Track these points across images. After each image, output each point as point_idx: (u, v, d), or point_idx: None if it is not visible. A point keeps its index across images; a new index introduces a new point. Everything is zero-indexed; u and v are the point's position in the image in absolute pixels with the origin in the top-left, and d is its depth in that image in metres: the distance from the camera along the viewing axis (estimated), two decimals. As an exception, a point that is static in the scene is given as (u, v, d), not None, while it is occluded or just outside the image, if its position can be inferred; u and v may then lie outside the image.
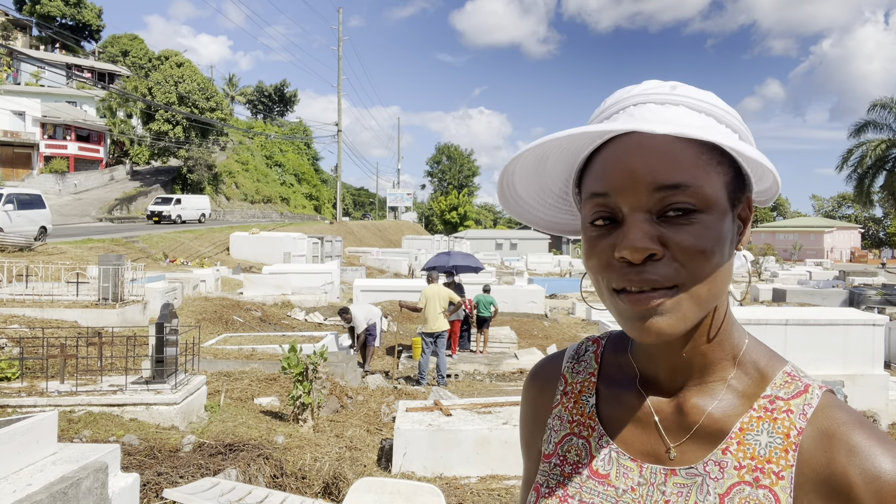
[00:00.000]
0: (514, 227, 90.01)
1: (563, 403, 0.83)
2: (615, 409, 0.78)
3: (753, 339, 0.76)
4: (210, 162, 45.42)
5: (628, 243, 0.63)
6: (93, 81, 41.17)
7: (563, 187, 0.76)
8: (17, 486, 3.11)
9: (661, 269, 0.63)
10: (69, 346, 6.35)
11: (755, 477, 0.67)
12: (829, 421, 0.67)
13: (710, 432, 0.71)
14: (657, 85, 0.70)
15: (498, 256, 47.05)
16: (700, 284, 0.64)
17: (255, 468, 4.90)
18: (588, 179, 0.68)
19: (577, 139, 0.66)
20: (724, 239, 0.65)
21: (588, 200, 0.68)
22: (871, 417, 8.08)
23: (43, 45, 56.23)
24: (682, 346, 0.71)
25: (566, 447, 0.79)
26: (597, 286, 0.69)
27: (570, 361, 0.86)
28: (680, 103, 0.68)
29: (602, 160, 0.66)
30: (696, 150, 0.64)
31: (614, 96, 0.72)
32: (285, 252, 25.46)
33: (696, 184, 0.63)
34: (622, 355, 0.82)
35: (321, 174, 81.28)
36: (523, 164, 0.70)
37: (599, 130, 0.63)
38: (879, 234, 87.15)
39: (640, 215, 0.63)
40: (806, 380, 0.72)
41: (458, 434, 5.84)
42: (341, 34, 51.07)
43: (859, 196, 29.28)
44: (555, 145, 0.67)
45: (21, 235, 17.49)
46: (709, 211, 0.64)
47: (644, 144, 0.63)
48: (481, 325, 12.71)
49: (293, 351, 6.46)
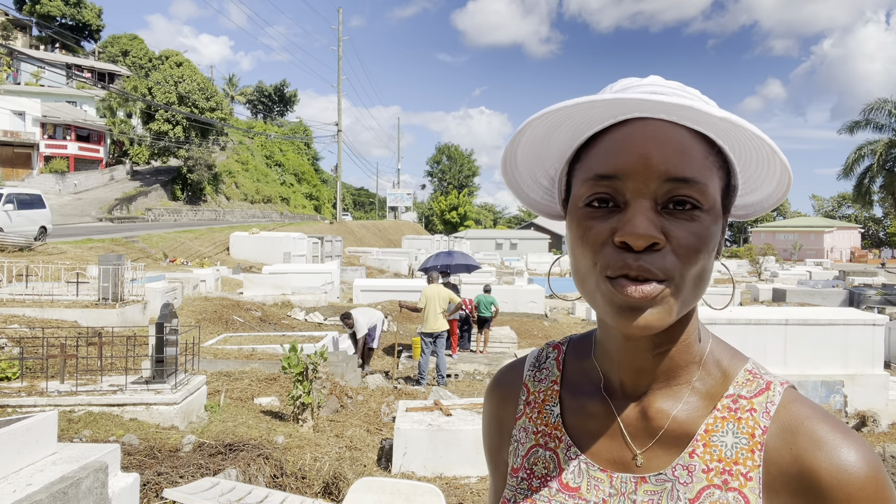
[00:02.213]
0: (514, 227, 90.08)
1: (526, 414, 0.80)
2: (581, 418, 0.76)
3: (716, 339, 0.76)
4: (210, 162, 45.40)
5: (632, 229, 0.61)
6: (93, 81, 41.21)
7: (555, 164, 0.73)
8: (17, 485, 3.11)
9: (658, 261, 0.61)
10: (69, 346, 6.36)
11: (724, 479, 0.67)
12: (792, 417, 0.67)
13: (676, 436, 0.70)
14: (662, 80, 0.69)
15: (498, 256, 47.01)
16: (688, 283, 0.64)
17: (255, 468, 4.89)
18: (591, 159, 0.66)
19: (599, 111, 0.64)
20: (715, 241, 0.65)
21: (588, 181, 0.65)
22: (872, 417, 8.08)
23: (43, 44, 56.22)
24: (651, 347, 0.70)
25: (533, 459, 0.77)
26: (582, 270, 0.67)
27: (531, 369, 0.84)
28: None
29: (613, 141, 0.64)
30: (706, 149, 0.64)
31: (629, 80, 0.71)
32: (285, 252, 25.46)
33: (703, 181, 0.63)
34: (586, 360, 0.80)
35: (321, 174, 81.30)
36: (533, 132, 0.68)
37: (650, 100, 0.60)
38: (879, 234, 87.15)
39: (646, 202, 0.62)
40: (767, 377, 0.72)
41: (458, 434, 5.84)
42: (341, 34, 51.10)
43: (859, 196, 29.27)
44: (569, 114, 0.65)
45: (21, 235, 17.48)
46: (708, 211, 0.64)
47: (662, 133, 0.63)
48: (482, 325, 12.71)
49: (293, 351, 6.46)
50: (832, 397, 8.09)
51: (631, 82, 0.70)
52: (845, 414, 8.15)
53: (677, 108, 0.61)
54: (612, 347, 0.73)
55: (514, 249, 64.09)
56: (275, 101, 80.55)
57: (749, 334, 8.05)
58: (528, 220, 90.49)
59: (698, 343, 0.73)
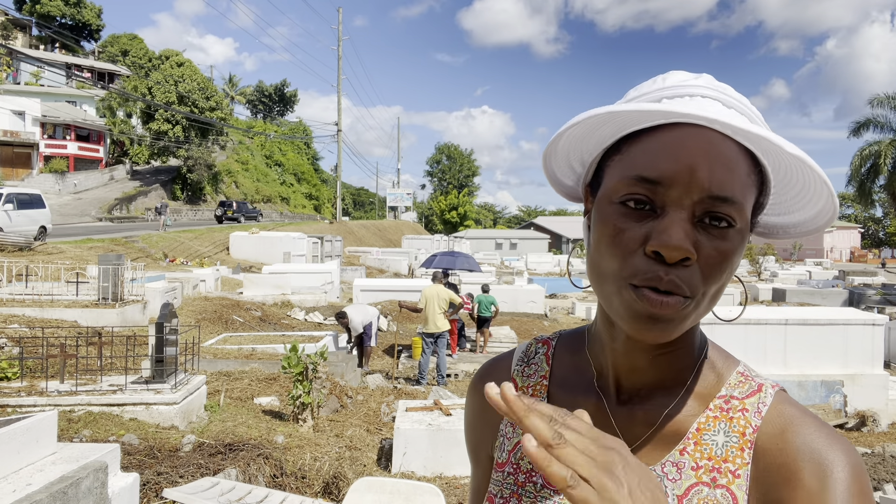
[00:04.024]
0: (514, 227, 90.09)
1: None
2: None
3: (710, 341, 0.76)
4: (210, 161, 45.41)
5: (668, 240, 0.59)
6: (93, 81, 41.28)
7: (593, 151, 0.71)
8: (17, 485, 3.11)
9: (686, 276, 0.61)
10: (69, 345, 6.35)
11: (712, 477, 0.67)
12: (782, 417, 0.68)
13: (668, 434, 0.70)
14: (715, 82, 0.67)
15: (498, 256, 47.00)
16: (707, 298, 0.63)
17: (254, 468, 4.89)
18: (635, 155, 0.63)
19: (645, 114, 0.62)
20: (739, 259, 0.65)
21: (628, 178, 0.63)
22: (871, 417, 8.08)
23: (43, 44, 56.21)
24: (653, 349, 0.70)
25: (519, 454, 0.77)
26: (604, 271, 0.65)
27: (519, 364, 0.84)
28: (743, 112, 0.66)
29: (662, 143, 0.62)
30: (749, 167, 0.63)
31: (682, 75, 0.68)
32: (285, 252, 25.45)
33: (741, 201, 0.62)
34: (577, 355, 0.79)
35: (321, 174, 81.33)
36: (584, 125, 0.65)
37: (706, 118, 0.58)
38: (879, 233, 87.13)
39: (683, 214, 0.61)
40: (759, 379, 0.73)
41: (458, 434, 5.83)
42: (341, 34, 51.08)
43: (861, 196, 29.26)
44: (626, 113, 0.62)
45: (21, 235, 17.47)
46: (741, 230, 0.63)
47: (714, 147, 0.61)
48: (482, 325, 12.71)
49: (293, 350, 6.46)
50: (832, 397, 8.09)
51: (685, 78, 0.68)
52: (845, 414, 8.15)
53: (748, 136, 0.60)
54: (612, 345, 0.72)
55: (514, 249, 64.10)
56: (275, 101, 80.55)
57: (749, 334, 8.05)
58: (528, 220, 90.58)
59: (696, 345, 0.73)
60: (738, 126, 0.58)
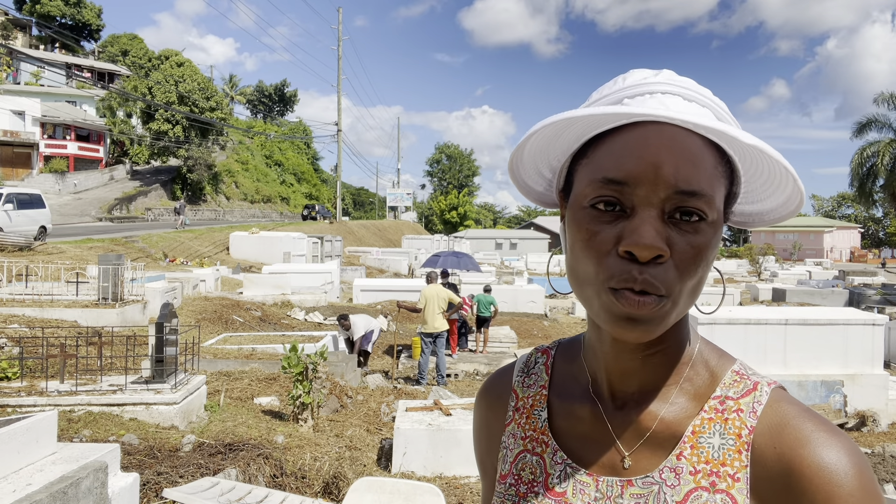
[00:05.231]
0: (514, 227, 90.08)
1: (515, 420, 0.80)
2: (568, 422, 0.76)
3: (704, 340, 0.76)
4: (210, 161, 45.42)
5: (639, 239, 0.60)
6: (93, 81, 41.27)
7: (560, 157, 0.72)
8: (17, 485, 3.11)
9: (660, 275, 0.61)
10: (69, 345, 6.35)
11: (711, 481, 0.66)
12: (778, 415, 0.67)
13: (664, 437, 0.70)
14: (676, 77, 0.68)
15: (498, 256, 47.02)
16: (685, 294, 0.63)
17: (254, 468, 4.89)
18: (600, 158, 0.64)
19: (605, 117, 0.62)
20: (715, 252, 0.65)
21: (596, 182, 0.63)
22: (871, 417, 8.08)
23: (43, 44, 56.20)
24: (641, 350, 0.69)
25: (520, 465, 0.77)
26: (581, 275, 0.65)
27: (520, 375, 0.84)
28: (705, 105, 0.66)
29: (625, 144, 0.62)
30: (716, 159, 0.63)
31: (642, 73, 0.69)
32: (285, 252, 25.45)
33: (710, 193, 0.62)
34: (574, 363, 0.79)
35: (321, 174, 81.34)
36: (546, 132, 0.66)
37: (663, 115, 0.59)
38: (879, 233, 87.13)
39: (653, 212, 0.61)
40: (755, 377, 0.71)
41: (458, 434, 5.84)
42: (341, 34, 51.06)
43: (861, 195, 29.26)
44: (584, 118, 0.62)
45: (21, 235, 17.47)
46: (713, 223, 0.63)
47: (677, 142, 0.61)
48: (481, 325, 12.72)
49: (293, 350, 6.46)
50: (832, 397, 8.09)
51: (645, 76, 0.68)
52: (845, 413, 8.15)
53: (706, 130, 0.60)
54: (602, 349, 0.72)
55: (514, 249, 64.10)
56: (275, 101, 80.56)
57: (749, 334, 8.05)
58: (528, 219, 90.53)
59: (687, 345, 0.73)
60: (694, 121, 0.58)
